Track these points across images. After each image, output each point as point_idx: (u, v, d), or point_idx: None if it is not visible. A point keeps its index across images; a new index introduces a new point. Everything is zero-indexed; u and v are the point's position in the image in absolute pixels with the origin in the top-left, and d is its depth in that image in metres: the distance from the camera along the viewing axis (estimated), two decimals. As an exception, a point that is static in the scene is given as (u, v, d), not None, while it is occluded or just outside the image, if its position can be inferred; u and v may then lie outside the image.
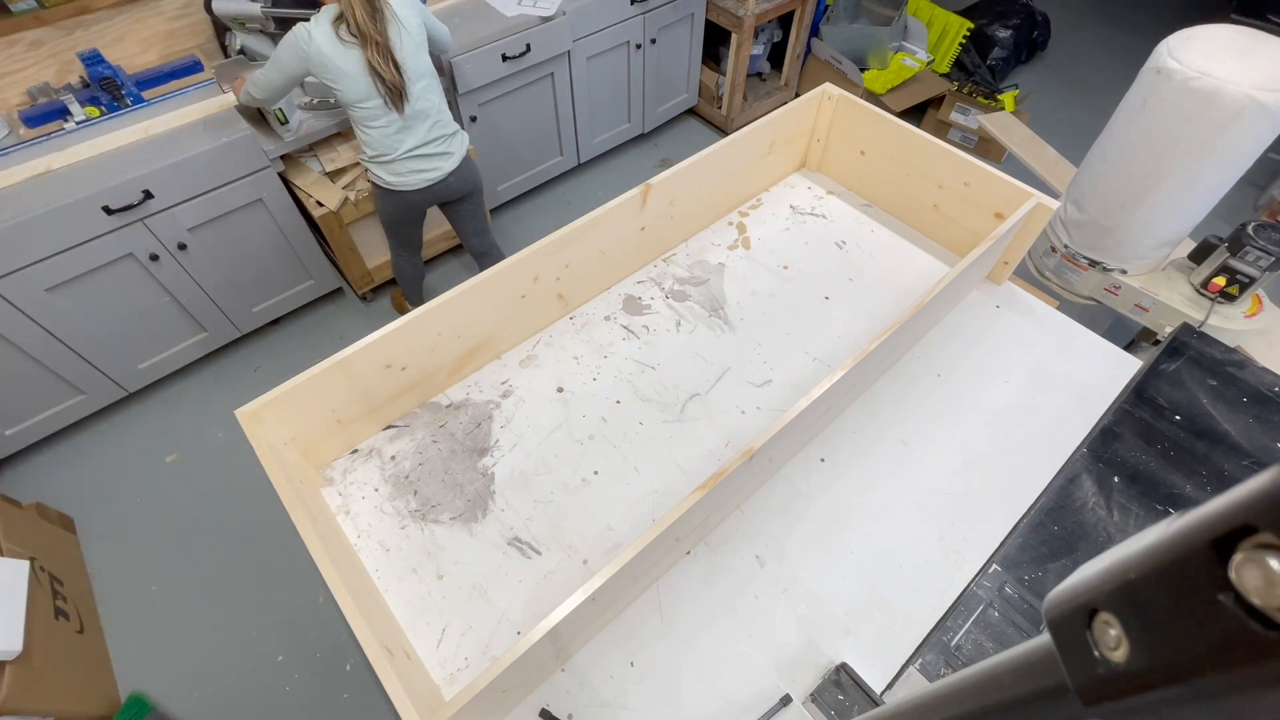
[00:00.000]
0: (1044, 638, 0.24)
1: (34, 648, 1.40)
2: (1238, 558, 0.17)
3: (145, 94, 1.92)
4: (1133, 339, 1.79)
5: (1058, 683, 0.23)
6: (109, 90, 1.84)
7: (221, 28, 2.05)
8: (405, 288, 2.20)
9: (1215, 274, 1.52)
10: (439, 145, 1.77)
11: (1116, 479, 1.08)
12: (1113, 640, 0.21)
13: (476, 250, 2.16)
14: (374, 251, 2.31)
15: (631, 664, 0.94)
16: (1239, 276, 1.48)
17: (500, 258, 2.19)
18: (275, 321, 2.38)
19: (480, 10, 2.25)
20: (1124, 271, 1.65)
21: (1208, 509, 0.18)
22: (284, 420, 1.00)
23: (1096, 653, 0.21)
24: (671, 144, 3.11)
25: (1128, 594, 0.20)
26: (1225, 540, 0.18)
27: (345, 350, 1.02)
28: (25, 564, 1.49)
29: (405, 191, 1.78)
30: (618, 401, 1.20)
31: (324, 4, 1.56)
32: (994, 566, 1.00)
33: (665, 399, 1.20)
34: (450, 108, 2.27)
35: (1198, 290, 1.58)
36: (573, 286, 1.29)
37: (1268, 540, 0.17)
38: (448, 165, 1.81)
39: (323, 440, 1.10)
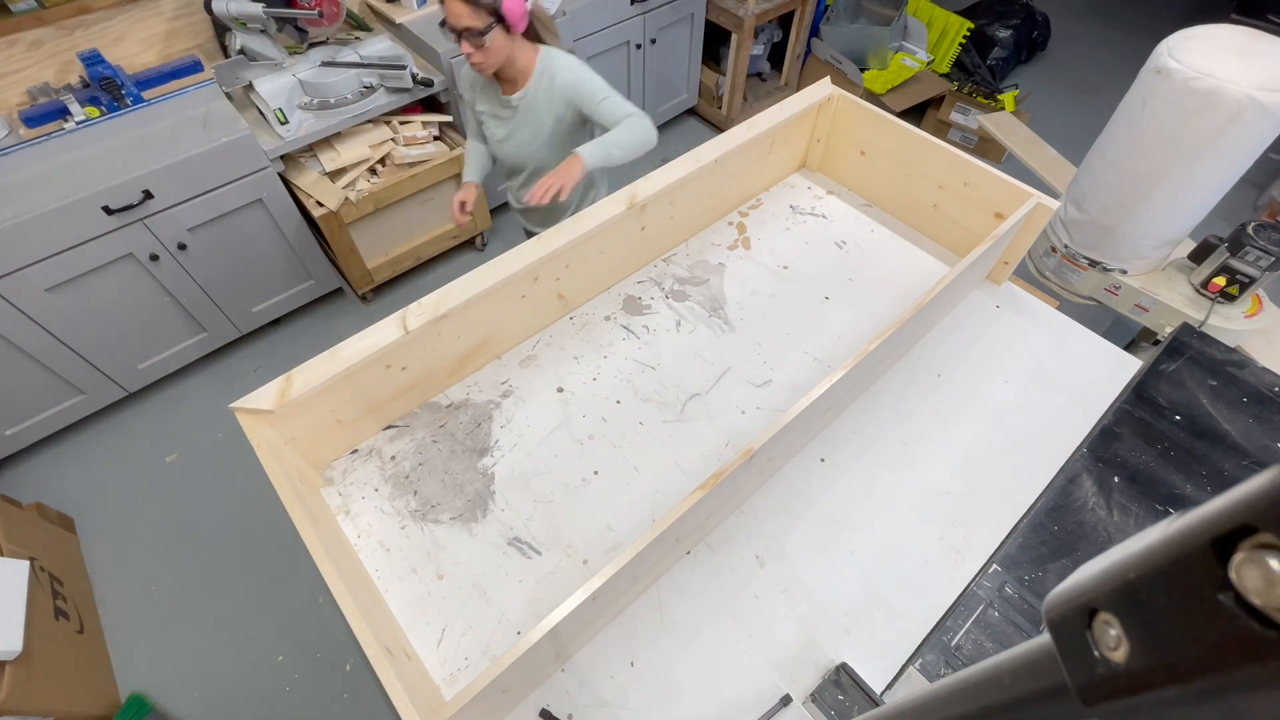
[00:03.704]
0: (1044, 638, 0.24)
1: (34, 648, 1.40)
2: (1238, 557, 0.17)
3: (145, 94, 1.92)
4: (1133, 339, 1.79)
5: (1058, 683, 0.23)
6: (109, 90, 1.84)
7: (221, 28, 2.05)
8: None
9: (1215, 274, 1.52)
10: None
11: (1116, 479, 1.08)
12: (1113, 640, 0.21)
13: None
14: (374, 252, 2.31)
15: (632, 664, 0.94)
16: (1239, 276, 1.48)
17: None
18: (275, 321, 2.38)
19: (480, 10, 2.24)
20: (1124, 271, 1.66)
21: (1208, 509, 0.18)
22: (284, 420, 1.00)
23: (1096, 653, 0.21)
24: (671, 144, 3.11)
25: (1128, 594, 0.20)
26: (1225, 540, 0.18)
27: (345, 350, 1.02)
28: (25, 564, 1.49)
29: None
30: (618, 401, 1.20)
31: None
32: (994, 566, 1.00)
33: (665, 399, 1.20)
34: (451, 108, 2.27)
35: (1198, 290, 1.58)
36: (573, 286, 1.29)
37: (1268, 540, 0.17)
38: None
39: (323, 440, 1.10)
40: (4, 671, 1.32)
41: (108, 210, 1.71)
